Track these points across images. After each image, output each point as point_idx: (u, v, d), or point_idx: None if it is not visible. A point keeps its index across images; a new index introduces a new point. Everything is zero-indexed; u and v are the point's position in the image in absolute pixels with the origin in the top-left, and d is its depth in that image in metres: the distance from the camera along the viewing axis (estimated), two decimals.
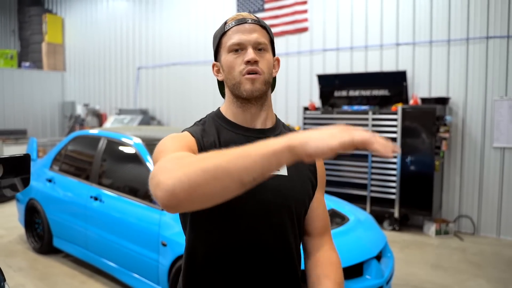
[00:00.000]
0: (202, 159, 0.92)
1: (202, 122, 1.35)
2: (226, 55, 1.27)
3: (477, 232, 6.11)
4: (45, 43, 12.28)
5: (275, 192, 1.26)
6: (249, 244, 1.25)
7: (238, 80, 1.25)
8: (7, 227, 6.18)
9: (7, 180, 2.12)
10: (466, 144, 6.15)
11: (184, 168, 0.91)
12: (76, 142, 5.04)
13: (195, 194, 0.89)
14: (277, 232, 1.28)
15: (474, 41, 5.98)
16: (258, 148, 0.91)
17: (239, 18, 1.27)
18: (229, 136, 1.28)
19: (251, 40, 1.24)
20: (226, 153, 0.92)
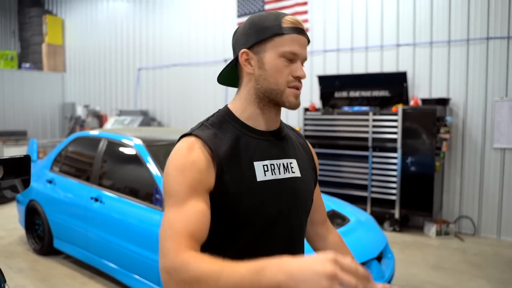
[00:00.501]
0: (200, 282, 0.97)
1: (211, 123, 1.25)
2: (276, 57, 1.22)
3: (478, 233, 6.11)
4: (45, 44, 12.28)
5: (294, 195, 1.29)
6: (276, 249, 1.23)
7: (281, 89, 1.24)
8: (8, 228, 6.18)
9: (8, 181, 2.12)
10: (467, 145, 6.15)
11: (183, 284, 0.99)
12: (76, 143, 5.04)
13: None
14: (296, 233, 1.32)
15: (475, 42, 5.98)
16: (250, 282, 0.92)
17: (298, 26, 1.23)
18: (246, 141, 1.24)
19: (303, 55, 1.25)
20: (221, 282, 0.95)
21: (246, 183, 1.20)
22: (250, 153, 1.22)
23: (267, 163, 1.25)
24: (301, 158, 1.38)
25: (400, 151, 5.97)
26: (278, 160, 1.28)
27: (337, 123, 6.58)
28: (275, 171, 1.26)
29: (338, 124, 6.57)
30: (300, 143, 1.45)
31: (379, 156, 6.18)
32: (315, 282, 0.84)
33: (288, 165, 1.30)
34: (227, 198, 1.17)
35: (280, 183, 1.26)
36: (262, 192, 1.22)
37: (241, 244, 1.21)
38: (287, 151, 1.33)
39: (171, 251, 1.04)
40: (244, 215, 1.19)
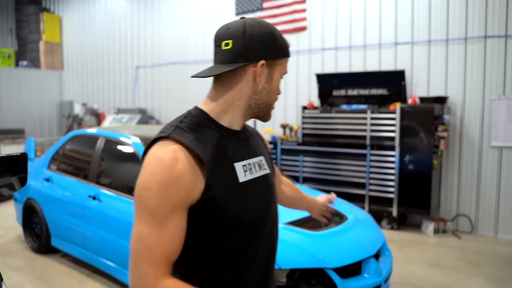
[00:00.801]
0: None
1: (187, 126, 1.20)
2: (280, 76, 1.29)
3: (475, 231, 6.12)
4: (43, 42, 12.24)
5: (270, 190, 1.37)
6: (260, 245, 1.30)
7: (271, 105, 1.31)
8: (5, 226, 6.17)
9: (4, 179, 2.12)
10: (464, 143, 6.16)
11: None
12: (74, 141, 5.03)
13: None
14: (274, 225, 1.40)
15: (473, 41, 5.98)
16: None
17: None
18: (222, 142, 1.23)
19: None
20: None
21: (230, 186, 1.20)
22: (230, 154, 1.23)
23: (245, 163, 1.27)
24: (265, 153, 1.44)
25: (398, 149, 5.98)
26: (253, 159, 1.32)
27: (335, 121, 6.58)
28: (252, 170, 1.29)
29: (336, 123, 6.57)
30: (258, 137, 1.50)
31: (377, 154, 6.18)
32: None
33: (260, 162, 1.36)
34: (215, 203, 1.16)
35: (258, 181, 1.30)
36: (245, 192, 1.24)
37: (228, 246, 1.22)
38: (256, 149, 1.38)
39: (150, 276, 1.06)
40: (233, 218, 1.20)
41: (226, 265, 1.22)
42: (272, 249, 1.37)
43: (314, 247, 3.21)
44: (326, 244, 3.29)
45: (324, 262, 3.06)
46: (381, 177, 6.18)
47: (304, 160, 6.90)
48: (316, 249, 3.18)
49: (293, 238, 3.25)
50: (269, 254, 1.36)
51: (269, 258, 1.36)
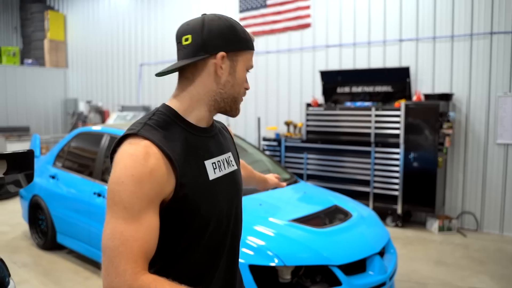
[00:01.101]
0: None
1: (156, 123, 1.19)
2: (243, 69, 1.28)
3: (480, 229, 6.10)
4: (47, 40, 12.27)
5: (237, 186, 1.39)
6: (227, 239, 1.34)
7: (238, 98, 1.30)
8: (11, 223, 6.21)
9: (11, 176, 2.13)
10: (470, 140, 6.14)
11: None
12: (79, 138, 5.04)
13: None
14: (239, 218, 1.43)
15: (478, 37, 5.95)
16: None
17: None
18: (192, 139, 1.23)
19: None
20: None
21: (201, 184, 1.21)
22: (200, 152, 1.24)
23: (215, 161, 1.29)
24: (232, 149, 1.46)
25: (402, 147, 5.96)
26: (221, 155, 1.34)
27: (340, 118, 6.57)
28: (221, 167, 1.31)
29: (340, 120, 6.56)
30: (225, 130, 1.51)
31: (382, 152, 6.17)
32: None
33: (228, 159, 1.38)
34: (187, 202, 1.17)
35: (226, 178, 1.33)
36: (215, 190, 1.26)
37: (201, 242, 1.24)
38: (224, 146, 1.39)
39: (128, 272, 1.02)
40: (204, 216, 1.21)
41: (198, 261, 1.24)
42: (236, 242, 1.40)
43: (319, 244, 3.21)
44: (330, 241, 3.28)
45: (329, 259, 3.06)
46: (385, 174, 6.17)
47: (308, 157, 6.90)
48: (320, 246, 3.18)
49: (297, 235, 3.26)
50: (235, 247, 1.39)
51: (234, 250, 1.39)
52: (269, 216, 3.45)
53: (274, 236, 3.19)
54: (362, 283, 3.12)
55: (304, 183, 4.75)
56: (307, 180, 6.80)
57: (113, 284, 1.03)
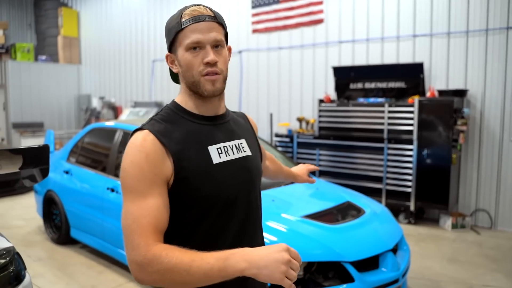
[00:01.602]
0: (173, 272, 1.10)
1: (161, 117, 1.32)
2: (183, 52, 1.28)
3: (494, 226, 6.03)
4: (61, 37, 12.38)
5: (249, 173, 1.41)
6: (236, 226, 1.36)
7: (197, 80, 1.29)
8: (26, 218, 6.29)
9: (26, 170, 2.16)
10: (484, 137, 6.06)
11: (157, 274, 1.12)
12: (92, 134, 5.09)
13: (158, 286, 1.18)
14: (254, 208, 1.43)
15: (494, 32, 5.86)
16: (218, 271, 1.09)
17: (196, 15, 1.28)
18: (195, 129, 1.32)
19: (209, 40, 1.27)
20: (192, 271, 1.09)
21: (203, 167, 1.28)
22: (203, 138, 1.31)
23: (220, 146, 1.34)
24: (249, 137, 1.49)
25: (416, 143, 5.91)
26: (230, 142, 1.38)
27: (352, 114, 6.53)
28: (229, 152, 1.35)
29: (353, 116, 6.52)
30: (244, 120, 1.56)
31: (395, 148, 6.13)
32: (275, 268, 1.07)
33: (239, 145, 1.41)
34: (188, 184, 1.25)
35: (235, 163, 1.36)
36: (220, 173, 1.30)
37: (205, 226, 1.29)
38: (236, 133, 1.43)
39: (142, 245, 1.14)
40: (206, 198, 1.27)
41: (205, 245, 1.26)
42: (248, 228, 1.40)
43: (331, 240, 3.20)
44: (343, 238, 3.27)
45: (342, 256, 3.05)
46: (398, 171, 6.12)
47: (321, 153, 6.87)
48: (333, 242, 3.18)
49: (310, 231, 3.25)
50: (246, 233, 1.39)
51: (246, 237, 1.39)
52: (282, 212, 3.45)
53: (286, 232, 3.19)
54: (375, 279, 3.11)
55: (317, 180, 4.73)
56: (320, 176, 6.78)
57: (131, 257, 1.16)
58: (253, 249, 1.12)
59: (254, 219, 1.44)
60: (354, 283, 3.00)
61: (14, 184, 7.60)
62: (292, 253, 1.11)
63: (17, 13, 14.46)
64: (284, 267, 1.07)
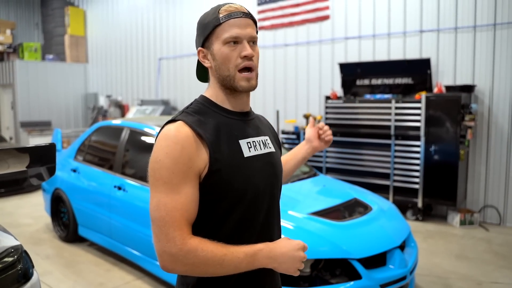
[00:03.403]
0: (207, 265, 1.21)
1: (193, 110, 1.35)
2: (221, 46, 1.32)
3: (503, 223, 5.98)
4: (68, 36, 12.45)
5: (274, 168, 1.46)
6: (260, 219, 1.40)
7: (233, 74, 1.33)
8: (34, 216, 6.34)
9: (34, 169, 2.17)
10: (492, 133, 6.00)
11: (190, 266, 1.21)
12: (99, 132, 5.11)
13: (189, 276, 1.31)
14: (275, 201, 1.49)
15: (502, 27, 5.80)
16: (247, 265, 1.25)
17: (234, 11, 1.33)
18: (227, 123, 1.36)
19: (247, 35, 1.32)
20: (224, 264, 1.22)
21: (236, 160, 1.32)
22: (234, 132, 1.35)
23: (250, 141, 1.39)
24: (271, 135, 1.55)
25: (423, 139, 5.87)
26: (257, 137, 1.43)
27: (359, 111, 6.50)
28: (257, 147, 1.40)
29: (360, 112, 6.49)
30: (264, 120, 1.62)
31: (402, 145, 6.09)
32: (292, 263, 1.28)
33: (265, 141, 1.46)
34: (221, 176, 1.28)
35: (262, 158, 1.41)
36: (250, 166, 1.35)
37: (234, 219, 1.33)
38: (262, 130, 1.49)
39: (177, 238, 1.20)
40: (238, 190, 1.31)
41: (233, 236, 1.32)
42: (271, 221, 1.45)
43: (339, 237, 3.19)
44: (350, 235, 3.26)
45: (349, 253, 3.04)
46: (406, 167, 6.09)
47: (328, 150, 6.85)
48: (340, 239, 3.16)
49: (317, 228, 3.24)
50: (270, 225, 1.45)
51: (269, 229, 1.44)
52: (289, 209, 3.44)
53: (293, 229, 3.19)
54: (383, 276, 3.09)
55: (323, 176, 4.72)
56: (326, 173, 6.76)
57: (166, 249, 1.20)
58: (276, 246, 1.28)
59: (276, 212, 1.50)
60: (361, 280, 2.99)
61: (22, 183, 7.68)
62: (305, 249, 1.30)
63: (24, 13, 14.55)
64: (299, 264, 1.28)
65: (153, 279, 4.16)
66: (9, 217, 6.29)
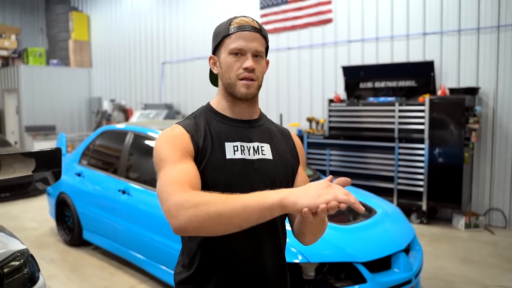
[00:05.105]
0: (209, 203, 1.11)
1: (194, 115, 1.47)
2: (226, 55, 1.40)
3: (509, 226, 5.95)
4: (72, 41, 12.51)
5: (263, 175, 1.42)
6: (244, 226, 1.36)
7: (233, 82, 1.39)
8: (39, 220, 6.36)
9: (39, 173, 2.18)
10: (497, 135, 5.99)
11: (193, 209, 1.11)
12: (103, 136, 5.12)
13: (201, 231, 1.15)
14: None
15: (506, 29, 5.79)
16: (255, 201, 1.09)
17: (244, 24, 1.39)
18: (219, 127, 1.43)
19: (251, 48, 1.38)
20: (229, 202, 1.10)
21: (216, 160, 1.37)
22: (222, 135, 1.41)
23: (238, 144, 1.41)
24: (277, 144, 1.51)
25: (427, 142, 5.86)
26: (249, 143, 1.43)
27: (363, 114, 6.49)
28: (245, 152, 1.41)
29: (363, 115, 6.49)
30: (283, 134, 1.58)
31: (406, 147, 6.08)
32: (314, 191, 1.04)
33: (259, 148, 1.45)
34: (204, 177, 1.33)
35: (249, 163, 1.41)
36: (230, 168, 1.37)
37: None
38: (259, 137, 1.48)
39: (177, 190, 1.18)
40: (214, 188, 1.28)
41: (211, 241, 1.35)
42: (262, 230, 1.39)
43: (343, 241, 3.18)
44: (355, 238, 3.25)
45: (353, 256, 3.04)
46: (410, 170, 6.08)
47: (331, 153, 6.85)
48: (345, 243, 3.16)
49: None
50: (261, 236, 1.41)
51: (260, 240, 1.41)
52: None
53: None
54: (387, 280, 3.08)
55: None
56: None
57: (169, 203, 1.17)
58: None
59: (265, 226, 1.34)
60: (366, 284, 2.98)
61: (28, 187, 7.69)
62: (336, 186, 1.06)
63: (29, 18, 14.65)
64: (324, 189, 1.04)
65: (157, 283, 4.16)
66: (14, 221, 6.31)
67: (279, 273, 1.49)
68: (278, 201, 1.06)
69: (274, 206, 1.06)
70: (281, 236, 1.51)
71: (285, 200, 1.05)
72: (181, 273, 1.46)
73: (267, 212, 1.08)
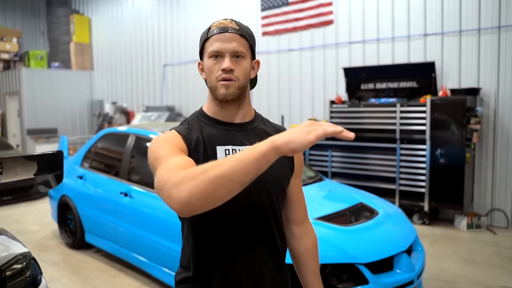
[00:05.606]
0: (205, 170, 1.08)
1: (187, 121, 1.49)
2: (207, 59, 1.41)
3: (511, 226, 5.94)
4: (73, 43, 12.54)
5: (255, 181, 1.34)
6: (237, 226, 1.41)
7: (214, 84, 1.40)
8: (41, 223, 6.37)
9: (41, 176, 2.18)
10: (499, 135, 5.98)
11: (191, 181, 1.08)
12: (105, 139, 5.13)
13: (206, 201, 1.09)
14: (259, 214, 1.44)
15: (507, 29, 5.79)
16: (248, 153, 1.07)
17: (221, 26, 1.40)
18: (211, 131, 1.44)
19: (228, 49, 1.37)
20: (224, 162, 1.08)
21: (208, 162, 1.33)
22: (214, 139, 1.42)
23: (229, 148, 1.42)
24: None
25: (429, 143, 5.85)
26: (241, 146, 1.43)
27: (364, 115, 6.50)
28: None
29: (365, 117, 6.49)
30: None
31: (408, 148, 6.08)
32: (302, 129, 1.04)
33: None
34: None
35: None
36: None
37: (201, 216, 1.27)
38: (252, 140, 1.44)
39: (173, 172, 1.14)
40: None
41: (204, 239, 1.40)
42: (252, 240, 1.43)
43: (345, 242, 3.18)
44: (357, 239, 3.25)
45: (355, 258, 3.04)
46: (411, 171, 6.07)
47: (333, 155, 6.85)
48: (347, 244, 3.16)
49: (323, 233, 3.23)
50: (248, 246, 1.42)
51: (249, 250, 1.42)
52: None
53: None
54: (390, 281, 3.08)
55: (329, 181, 4.71)
56: (332, 178, 6.75)
57: (167, 187, 1.12)
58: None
59: (260, 223, 1.44)
60: (368, 285, 2.98)
61: (30, 190, 7.70)
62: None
63: (30, 21, 14.69)
64: (310, 126, 1.05)
65: (160, 285, 4.16)
66: (16, 224, 6.32)
67: (277, 274, 1.49)
68: (270, 145, 1.06)
69: (268, 151, 1.06)
70: (277, 238, 1.48)
71: (276, 142, 1.05)
72: (180, 273, 1.49)
73: (263, 160, 1.06)
